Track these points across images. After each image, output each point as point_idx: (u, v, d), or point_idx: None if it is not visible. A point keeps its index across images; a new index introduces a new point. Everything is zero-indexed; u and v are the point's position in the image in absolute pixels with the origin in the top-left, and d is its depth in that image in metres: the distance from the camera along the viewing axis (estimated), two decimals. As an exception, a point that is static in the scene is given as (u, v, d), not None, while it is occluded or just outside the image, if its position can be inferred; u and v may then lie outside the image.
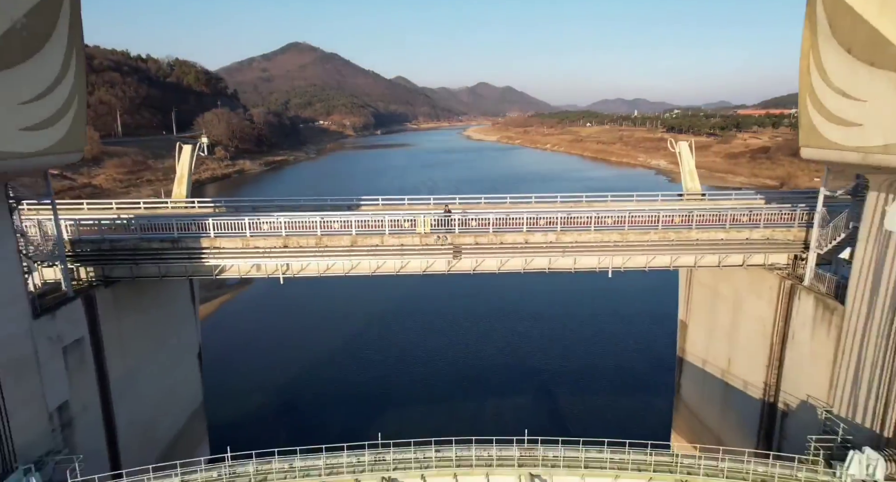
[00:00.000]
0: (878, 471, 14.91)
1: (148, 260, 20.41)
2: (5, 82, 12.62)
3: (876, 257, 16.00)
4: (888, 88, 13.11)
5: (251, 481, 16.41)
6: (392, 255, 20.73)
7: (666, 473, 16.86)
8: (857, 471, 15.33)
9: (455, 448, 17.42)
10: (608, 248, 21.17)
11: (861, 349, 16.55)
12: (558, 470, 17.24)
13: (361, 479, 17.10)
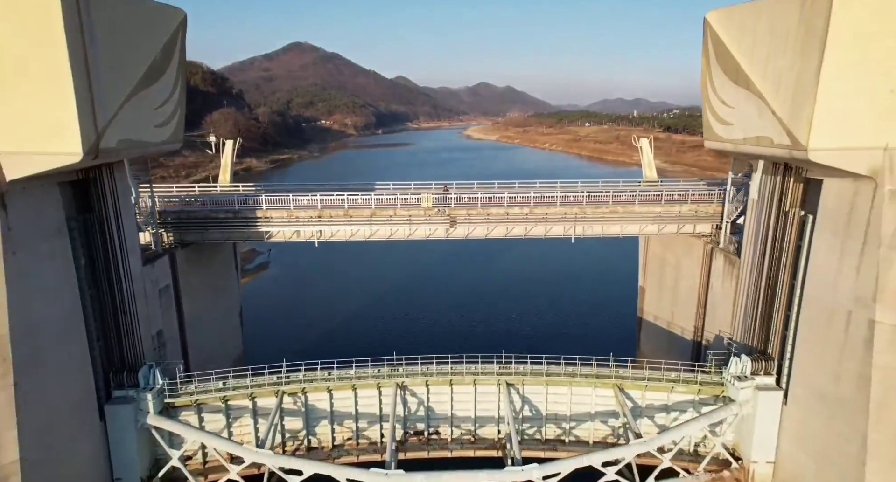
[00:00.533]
0: (747, 368, 21.06)
1: (214, 227, 26.54)
2: (147, 95, 18.68)
3: (756, 221, 22.09)
4: (743, 99, 19.14)
5: (302, 383, 22.53)
6: (402, 224, 26.86)
7: (606, 379, 22.93)
8: (735, 369, 21.46)
9: (450, 363, 23.48)
10: (570, 219, 27.27)
11: (747, 289, 22.61)
12: (527, 378, 23.28)
13: (382, 385, 23.16)
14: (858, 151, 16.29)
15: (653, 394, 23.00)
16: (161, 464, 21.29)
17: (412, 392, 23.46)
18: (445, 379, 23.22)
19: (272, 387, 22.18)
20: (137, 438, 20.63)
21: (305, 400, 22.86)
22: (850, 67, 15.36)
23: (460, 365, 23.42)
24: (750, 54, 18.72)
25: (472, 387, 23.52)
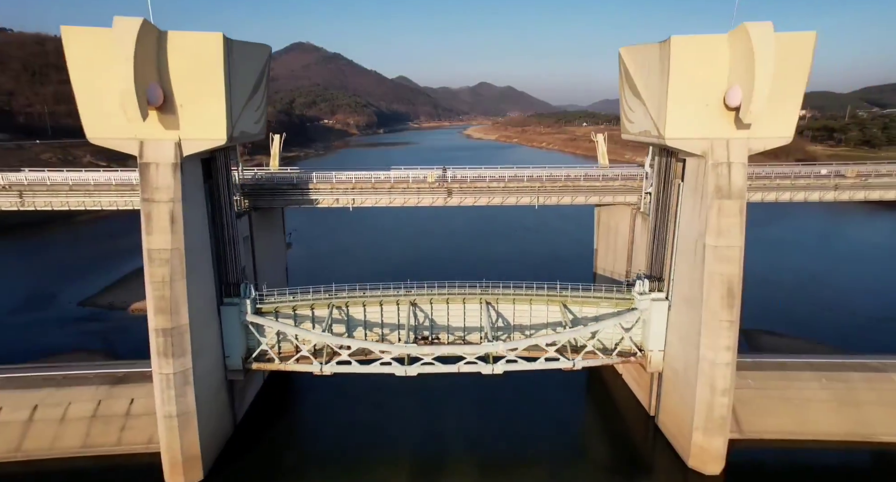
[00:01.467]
0: (646, 287, 31.58)
1: (279, 196, 36.98)
2: (252, 103, 29.04)
3: (655, 189, 32.55)
4: (638, 106, 29.59)
5: (345, 298, 32.93)
6: (412, 194, 37.29)
7: (555, 298, 33.35)
8: (638, 288, 31.95)
9: (447, 287, 33.87)
10: (534, 191, 37.73)
11: (650, 236, 33.04)
12: (500, 297, 33.64)
13: (399, 302, 33.55)
14: (693, 140, 26.78)
15: (588, 308, 33.40)
16: (253, 348, 31.80)
17: (420, 308, 33.89)
18: (443, 298, 33.66)
19: (326, 300, 32.65)
20: (240, 330, 31.15)
21: (347, 311, 33.31)
22: (682, 90, 25.81)
23: (454, 288, 33.87)
24: (639, 77, 29.20)
25: (462, 305, 33.92)
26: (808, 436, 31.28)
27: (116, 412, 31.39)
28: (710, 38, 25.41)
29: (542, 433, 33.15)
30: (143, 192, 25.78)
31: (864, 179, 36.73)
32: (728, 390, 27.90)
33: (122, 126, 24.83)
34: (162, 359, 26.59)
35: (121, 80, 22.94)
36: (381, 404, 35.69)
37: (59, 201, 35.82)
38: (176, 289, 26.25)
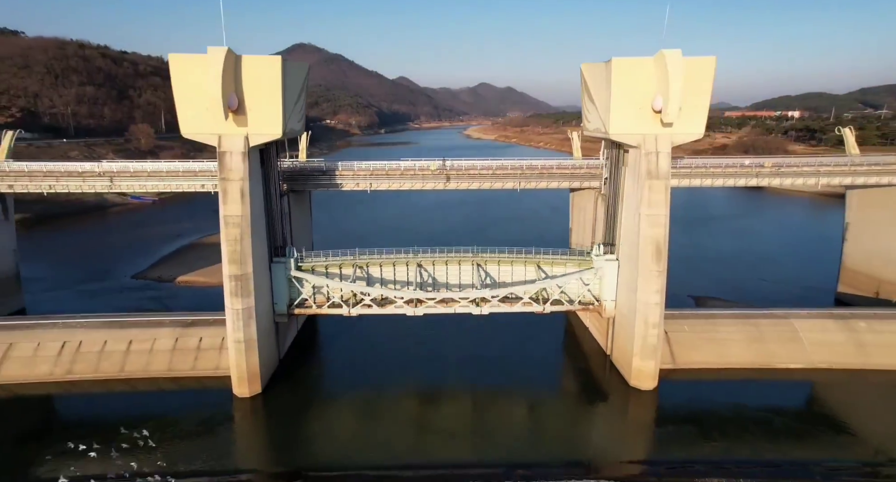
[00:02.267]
0: (601, 250, 40.71)
1: (310, 180, 46.07)
2: (297, 106, 38.15)
3: (608, 174, 41.63)
4: (593, 109, 38.67)
5: (367, 259, 41.95)
6: (418, 180, 46.33)
7: (531, 260, 42.36)
8: (595, 252, 41.02)
9: (446, 251, 42.88)
10: (516, 177, 46.82)
11: (605, 212, 42.09)
12: (488, 260, 42.64)
13: (409, 263, 42.50)
14: (631, 135, 35.86)
15: (556, 268, 42.37)
16: (294, 298, 40.88)
17: (424, 268, 42.87)
18: (443, 260, 42.65)
19: (350, 261, 41.70)
20: (285, 283, 40.23)
21: (367, 270, 42.32)
22: (621, 97, 34.88)
23: (451, 253, 42.85)
24: (593, 87, 38.29)
25: (458, 266, 42.90)
26: (725, 365, 40.32)
27: (190, 346, 40.47)
28: (640, 60, 34.49)
29: (523, 369, 42.01)
30: (221, 173, 34.85)
31: (778, 169, 45.86)
32: (658, 324, 36.99)
33: (208, 124, 33.93)
34: (234, 298, 35.65)
35: (211, 92, 32.05)
36: (392, 348, 44.73)
37: (138, 185, 45.01)
38: (244, 246, 35.33)
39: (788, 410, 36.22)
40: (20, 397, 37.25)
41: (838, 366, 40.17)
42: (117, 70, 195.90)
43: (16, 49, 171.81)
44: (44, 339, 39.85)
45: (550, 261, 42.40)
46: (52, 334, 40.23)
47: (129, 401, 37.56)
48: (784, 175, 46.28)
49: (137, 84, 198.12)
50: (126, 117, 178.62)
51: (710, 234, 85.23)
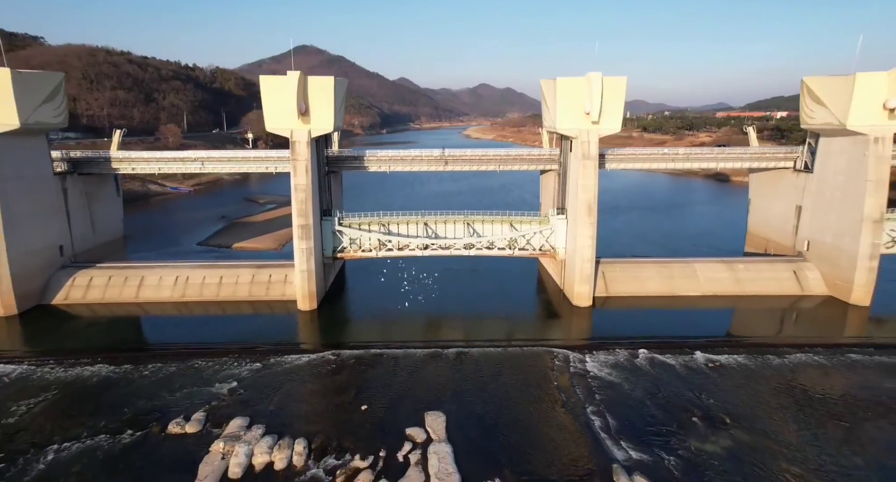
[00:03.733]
0: (555, 213, 57.35)
1: (344, 164, 62.70)
2: (341, 109, 54.70)
3: (561, 159, 58.24)
4: (550, 111, 55.23)
5: (389, 218, 58.44)
6: (424, 164, 62.96)
7: (505, 220, 58.87)
8: (551, 214, 57.66)
9: (445, 214, 59.41)
10: (497, 162, 63.51)
11: (561, 186, 58.67)
12: (475, 220, 59.12)
13: (418, 222, 58.94)
14: (572, 129, 52.50)
15: (524, 226, 58.89)
16: (337, 246, 57.48)
17: (429, 226, 59.39)
18: (442, 220, 59.15)
19: (377, 220, 58.26)
20: (330, 235, 56.82)
21: (388, 227, 58.87)
22: (564, 103, 51.48)
23: (448, 215, 59.44)
24: (547, 96, 54.94)
25: (453, 225, 59.39)
26: (644, 294, 56.81)
27: (263, 281, 57.05)
28: (576, 79, 51.07)
29: (503, 301, 58.24)
30: (293, 156, 51.41)
31: (688, 155, 62.55)
32: (591, 259, 53.55)
33: (285, 122, 50.54)
34: (301, 241, 52.24)
35: (288, 100, 48.70)
36: (404, 288, 61.26)
37: (221, 167, 61.63)
38: (307, 205, 51.90)
39: (684, 315, 52.84)
40: (152, 310, 53.97)
41: (721, 294, 56.77)
42: (143, 75, 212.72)
43: (54, 57, 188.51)
44: (164, 274, 56.55)
45: (520, 220, 59.01)
46: (169, 271, 56.94)
47: (223, 317, 54.18)
48: (692, 160, 62.99)
49: (161, 87, 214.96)
50: (153, 118, 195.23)
51: (666, 215, 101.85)
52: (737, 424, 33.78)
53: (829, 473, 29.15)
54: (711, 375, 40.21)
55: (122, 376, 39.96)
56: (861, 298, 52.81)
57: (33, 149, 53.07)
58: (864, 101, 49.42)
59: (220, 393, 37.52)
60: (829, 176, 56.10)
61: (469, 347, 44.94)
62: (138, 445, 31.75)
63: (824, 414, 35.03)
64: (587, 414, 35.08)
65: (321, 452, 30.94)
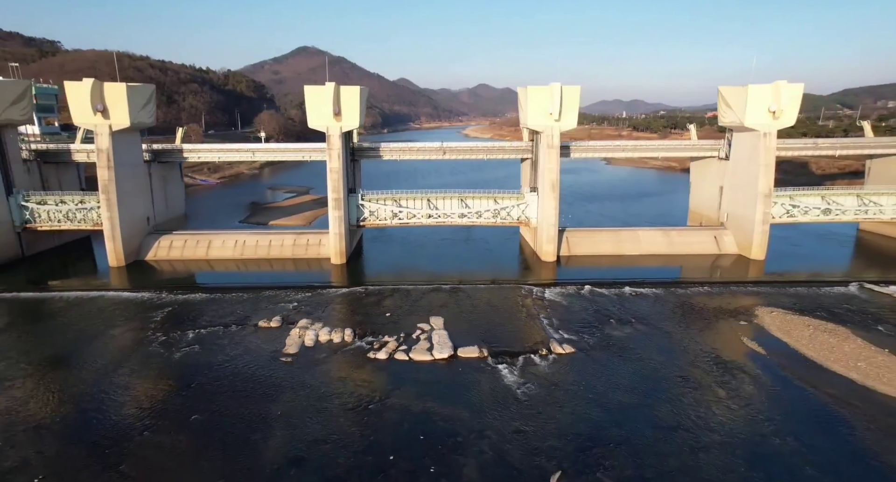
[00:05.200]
0: (528, 191, 74.23)
1: (364, 153, 79.46)
2: (363, 110, 71.35)
3: (532, 149, 75.04)
4: (523, 112, 71.93)
5: (399, 196, 75.11)
6: (426, 153, 79.77)
7: (490, 196, 75.55)
8: (525, 191, 74.48)
9: (444, 191, 76.06)
10: (484, 153, 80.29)
11: (536, 171, 75.41)
12: (467, 196, 75.75)
13: (422, 198, 75.54)
14: (540, 126, 69.28)
15: (504, 201, 75.53)
16: (360, 216, 74.23)
17: (431, 202, 76.05)
18: (442, 196, 75.79)
19: (391, 197, 74.94)
20: (355, 208, 73.55)
21: (399, 202, 75.55)
22: (534, 106, 68.19)
23: (446, 191, 76.11)
24: (522, 100, 71.69)
25: (450, 200, 75.99)
26: (598, 253, 73.53)
27: (302, 243, 73.77)
28: (542, 88, 67.77)
29: (490, 260, 75.01)
30: (328, 146, 68.07)
31: (634, 147, 79.25)
32: (554, 224, 70.27)
33: (323, 121, 67.28)
34: (334, 211, 68.93)
35: (326, 105, 65.46)
36: (410, 250, 77.91)
37: (268, 155, 78.35)
38: (339, 183, 68.56)
39: (627, 269, 69.57)
40: (218, 265, 70.72)
41: (658, 253, 73.50)
42: (164, 78, 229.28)
43: (86, 62, 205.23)
44: (225, 239, 73.32)
45: (502, 196, 75.67)
46: (229, 236, 73.75)
47: (273, 271, 70.88)
48: (639, 150, 79.75)
49: (181, 90, 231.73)
50: (174, 118, 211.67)
51: (636, 201, 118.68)
52: (639, 323, 50.55)
53: (690, 343, 45.95)
54: (632, 299, 56.99)
55: (216, 300, 56.71)
56: (758, 254, 69.60)
57: (133, 142, 69.82)
58: (755, 106, 66.18)
59: (288, 307, 54.31)
60: (739, 162, 72.89)
61: (462, 285, 61.67)
62: (243, 333, 48.50)
63: (698, 317, 51.85)
64: (540, 318, 51.87)
65: (362, 334, 47.71)
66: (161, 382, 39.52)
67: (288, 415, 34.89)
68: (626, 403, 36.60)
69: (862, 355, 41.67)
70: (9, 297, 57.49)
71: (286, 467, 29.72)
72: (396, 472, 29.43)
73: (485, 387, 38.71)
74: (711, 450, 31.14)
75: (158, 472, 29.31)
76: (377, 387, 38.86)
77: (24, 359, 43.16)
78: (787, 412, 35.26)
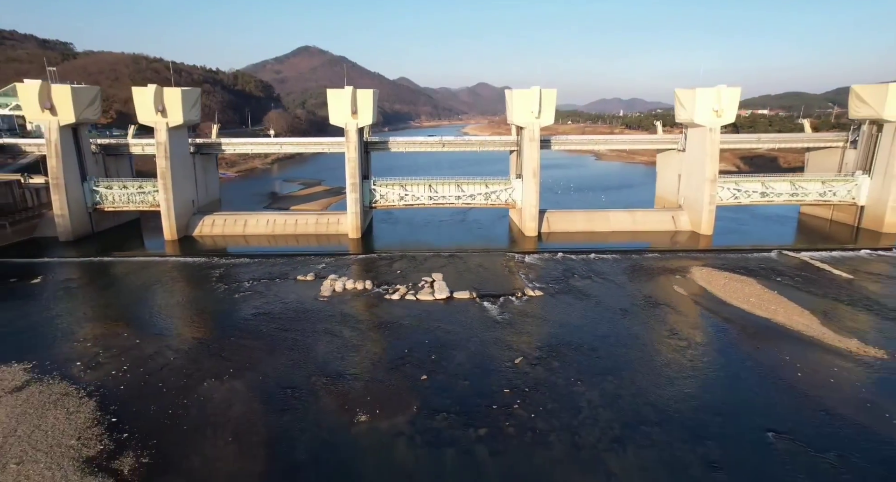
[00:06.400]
0: (515, 177, 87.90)
1: (375, 146, 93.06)
2: (375, 109, 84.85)
3: (517, 142, 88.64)
4: (509, 110, 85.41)
5: (406, 182, 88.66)
6: (428, 146, 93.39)
7: (481, 181, 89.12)
8: (512, 178, 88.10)
9: (443, 177, 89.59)
10: (477, 146, 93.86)
11: (522, 160, 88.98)
12: (462, 182, 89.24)
13: (424, 184, 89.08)
14: (524, 122, 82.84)
15: (495, 186, 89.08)
16: (372, 199, 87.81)
17: (433, 187, 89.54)
18: (441, 182, 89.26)
19: (398, 183, 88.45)
20: (368, 191, 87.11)
21: (405, 187, 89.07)
22: (518, 106, 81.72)
23: (445, 178, 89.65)
24: (508, 101, 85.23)
25: (448, 185, 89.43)
26: (573, 230, 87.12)
27: (324, 222, 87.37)
28: (525, 91, 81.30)
29: (483, 238, 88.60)
30: (347, 139, 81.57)
31: (606, 141, 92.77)
32: (535, 205, 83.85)
33: (342, 119, 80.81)
34: (351, 194, 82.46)
35: (345, 105, 79.01)
36: (415, 230, 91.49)
37: (294, 148, 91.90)
38: (355, 170, 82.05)
39: (597, 243, 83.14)
40: (253, 240, 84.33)
41: (624, 230, 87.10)
42: (179, 79, 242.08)
43: (106, 64, 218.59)
44: (258, 218, 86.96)
45: (492, 182, 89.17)
46: (262, 216, 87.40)
47: (300, 245, 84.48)
48: (610, 144, 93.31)
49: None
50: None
51: (617, 191, 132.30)
52: (597, 277, 64.16)
53: (633, 289, 59.57)
54: (596, 262, 70.58)
55: (258, 263, 70.30)
56: (706, 230, 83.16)
57: (183, 137, 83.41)
58: (702, 106, 79.73)
59: (317, 267, 67.90)
60: (692, 153, 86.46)
61: (458, 253, 75.28)
62: (286, 283, 62.07)
63: (645, 273, 65.45)
64: (519, 274, 65.49)
65: (379, 284, 61.28)
66: (233, 311, 53.18)
67: (330, 331, 48.51)
68: (577, 324, 50.23)
69: (755, 294, 55.36)
70: (89, 261, 71.01)
71: (334, 360, 43.22)
72: (412, 359, 42.96)
73: (473, 315, 52.36)
74: (632, 348, 44.71)
75: (247, 359, 42.87)
76: (393, 315, 52.52)
77: (123, 300, 56.86)
78: (690, 326, 48.97)
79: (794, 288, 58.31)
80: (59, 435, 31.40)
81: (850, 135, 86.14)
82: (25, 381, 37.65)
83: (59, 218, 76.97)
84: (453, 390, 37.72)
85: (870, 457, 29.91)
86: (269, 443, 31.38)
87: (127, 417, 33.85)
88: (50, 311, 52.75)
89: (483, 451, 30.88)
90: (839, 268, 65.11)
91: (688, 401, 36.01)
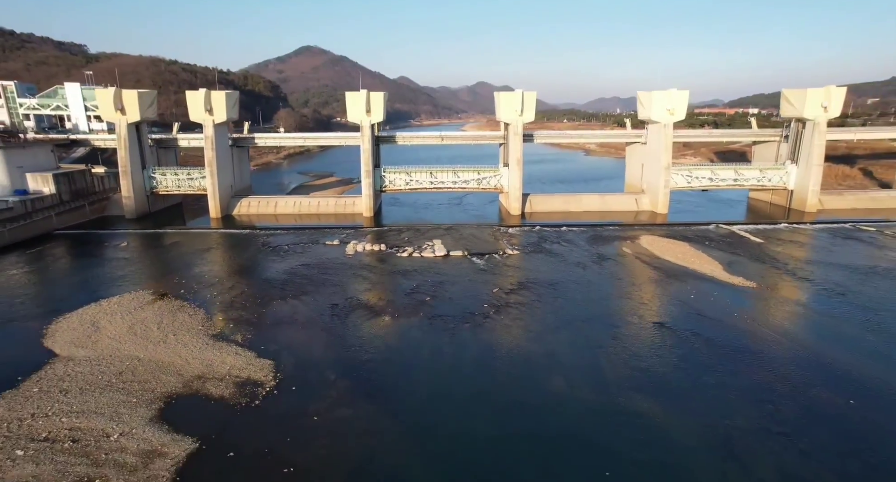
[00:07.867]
0: (502, 166, 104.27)
1: (384, 140, 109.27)
2: (385, 108, 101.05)
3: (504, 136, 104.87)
4: (497, 107, 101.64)
5: (411, 170, 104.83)
6: (430, 141, 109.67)
7: (473, 168, 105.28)
8: (500, 166, 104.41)
9: (442, 166, 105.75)
10: (472, 141, 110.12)
11: (512, 152, 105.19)
12: (458, 169, 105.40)
13: (426, 171, 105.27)
14: (510, 119, 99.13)
15: (485, 173, 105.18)
16: (382, 184, 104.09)
17: (434, 174, 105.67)
18: (440, 170, 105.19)
19: (404, 171, 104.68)
20: (379, 178, 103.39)
21: (410, 174, 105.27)
22: (504, 106, 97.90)
23: (443, 166, 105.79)
24: (497, 100, 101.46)
25: (446, 173, 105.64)
26: (552, 210, 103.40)
27: (342, 203, 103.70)
28: (511, 93, 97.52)
29: (476, 217, 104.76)
30: (362, 134, 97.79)
31: (580, 135, 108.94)
32: (519, 188, 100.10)
33: (358, 117, 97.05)
34: (365, 179, 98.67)
35: (360, 105, 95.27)
36: (418, 211, 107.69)
37: (315, 141, 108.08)
38: (368, 159, 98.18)
39: (571, 221, 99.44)
40: (282, 219, 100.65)
41: (593, 210, 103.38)
42: (195, 80, 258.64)
43: (129, 67, 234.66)
44: (287, 201, 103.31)
45: (484, 170, 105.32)
46: (290, 199, 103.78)
47: (322, 222, 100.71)
48: (584, 137, 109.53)
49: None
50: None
51: (596, 181, 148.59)
52: (564, 243, 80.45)
53: (591, 250, 75.91)
54: (565, 233, 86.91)
55: (291, 233, 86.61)
56: (662, 209, 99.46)
57: (223, 132, 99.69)
58: (658, 106, 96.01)
59: (340, 236, 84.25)
60: (651, 146, 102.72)
61: (455, 227, 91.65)
62: (317, 247, 78.39)
63: (603, 240, 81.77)
64: (502, 240, 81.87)
65: (392, 246, 77.59)
66: (281, 262, 69.56)
67: (357, 274, 64.87)
68: (542, 271, 66.56)
69: (683, 252, 71.77)
70: (154, 233, 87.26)
71: (363, 290, 59.52)
72: (419, 290, 59.26)
73: (465, 266, 68.74)
74: (581, 284, 61.06)
75: (300, 289, 59.13)
76: (404, 266, 68.88)
77: (195, 257, 73.27)
78: (627, 272, 65.41)
79: (716, 249, 74.65)
80: (189, 324, 47.86)
81: (784, 130, 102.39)
82: (154, 298, 54.13)
83: (125, 199, 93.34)
84: (448, 305, 54.14)
85: (720, 337, 46.25)
86: (327, 331, 47.78)
87: (227, 318, 50.24)
88: (144, 263, 69.28)
89: (467, 334, 47.25)
90: (757, 236, 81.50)
91: (609, 310, 52.47)
